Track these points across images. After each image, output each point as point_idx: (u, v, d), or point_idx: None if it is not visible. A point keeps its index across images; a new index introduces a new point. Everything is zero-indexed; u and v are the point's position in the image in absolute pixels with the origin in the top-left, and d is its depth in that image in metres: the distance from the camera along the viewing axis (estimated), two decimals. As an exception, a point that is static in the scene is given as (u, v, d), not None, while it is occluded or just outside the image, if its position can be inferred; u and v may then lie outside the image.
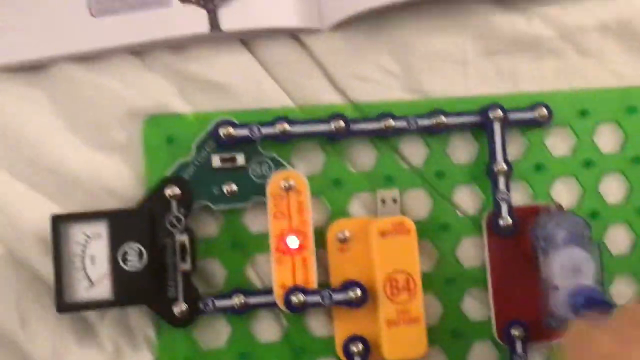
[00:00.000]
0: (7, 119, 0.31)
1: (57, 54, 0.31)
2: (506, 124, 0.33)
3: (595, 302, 0.29)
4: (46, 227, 0.29)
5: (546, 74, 0.35)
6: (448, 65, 0.34)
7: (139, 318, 0.31)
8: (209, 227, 0.32)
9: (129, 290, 0.29)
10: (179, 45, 0.32)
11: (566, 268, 0.30)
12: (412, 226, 0.31)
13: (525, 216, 0.33)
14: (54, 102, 0.32)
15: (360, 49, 0.33)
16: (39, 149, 0.31)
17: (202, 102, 0.32)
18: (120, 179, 0.31)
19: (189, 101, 0.32)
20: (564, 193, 0.34)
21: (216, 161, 0.31)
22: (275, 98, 0.33)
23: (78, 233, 0.29)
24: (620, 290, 0.34)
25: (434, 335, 0.32)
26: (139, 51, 0.32)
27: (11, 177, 0.31)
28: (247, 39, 0.33)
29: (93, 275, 0.29)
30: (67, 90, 0.31)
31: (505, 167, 0.33)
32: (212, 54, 0.32)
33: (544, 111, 0.34)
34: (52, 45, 0.31)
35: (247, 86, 0.32)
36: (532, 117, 0.34)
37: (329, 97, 0.33)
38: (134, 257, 0.29)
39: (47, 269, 0.30)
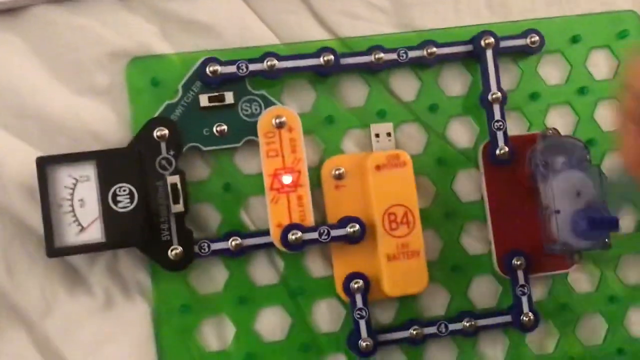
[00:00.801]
0: None
1: None
2: (498, 51, 0.32)
3: (599, 221, 0.29)
4: (30, 174, 0.28)
5: (537, 5, 0.34)
6: (439, 1, 0.33)
7: (130, 264, 0.30)
8: (200, 170, 0.31)
9: (121, 231, 0.28)
10: None
11: (567, 191, 0.30)
12: (408, 159, 0.31)
13: (522, 145, 0.32)
14: (32, 45, 0.30)
15: None
16: (20, 94, 0.30)
17: (185, 42, 0.31)
18: (104, 122, 0.30)
19: (171, 42, 0.31)
20: (559, 121, 0.34)
21: (204, 100, 0.30)
22: (260, 36, 0.32)
23: (65, 176, 0.28)
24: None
25: (434, 270, 0.32)
26: None
27: None
28: (230, -23, 0.32)
29: (83, 218, 0.28)
30: (45, 33, 0.30)
31: (499, 94, 0.32)
32: None
33: (536, 37, 0.33)
34: None
35: (231, 25, 0.32)
36: (524, 44, 0.33)
37: (315, 35, 0.32)
38: (125, 198, 0.28)
39: (33, 216, 0.29)
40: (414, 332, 0.31)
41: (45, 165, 0.28)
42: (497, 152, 0.32)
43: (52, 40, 0.30)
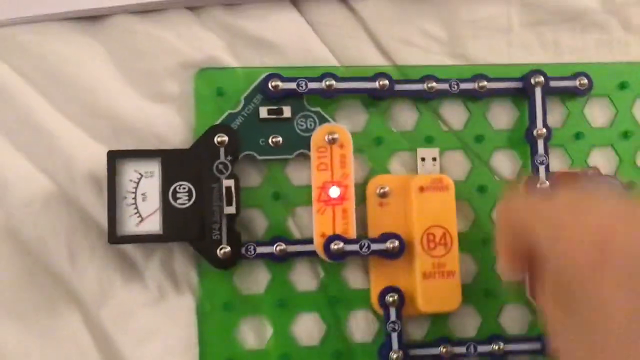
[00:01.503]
0: (66, 66, 0.32)
1: (115, 5, 0.32)
2: (547, 90, 0.34)
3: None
4: (98, 168, 0.31)
5: (588, 46, 0.35)
6: (492, 33, 0.35)
7: (183, 261, 0.32)
8: (253, 178, 0.33)
9: (177, 225, 0.30)
10: (232, 3, 0.34)
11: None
12: (451, 183, 0.32)
13: (562, 180, 0.33)
14: (110, 51, 0.33)
15: (406, 14, 0.35)
16: (95, 95, 0.32)
17: (250, 57, 0.34)
18: (170, 127, 0.32)
19: (237, 56, 0.34)
20: (601, 162, 0.35)
21: (263, 112, 0.32)
22: (321, 57, 0.34)
23: (131, 171, 0.30)
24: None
25: (468, 293, 0.33)
26: (194, 6, 0.33)
27: (67, 119, 0.32)
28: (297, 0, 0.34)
29: (144, 211, 0.30)
30: (123, 40, 0.33)
31: (544, 130, 0.33)
32: (263, 12, 0.34)
33: (585, 80, 0.34)
34: None
35: (294, 44, 0.34)
36: (572, 86, 0.34)
37: (372, 59, 0.34)
38: (184, 195, 0.30)
39: (97, 208, 0.31)
40: (444, 350, 0.32)
41: (115, 158, 0.30)
42: (538, 185, 0.33)
43: (129, 48, 0.33)
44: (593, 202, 0.24)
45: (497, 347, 0.32)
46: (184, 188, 0.30)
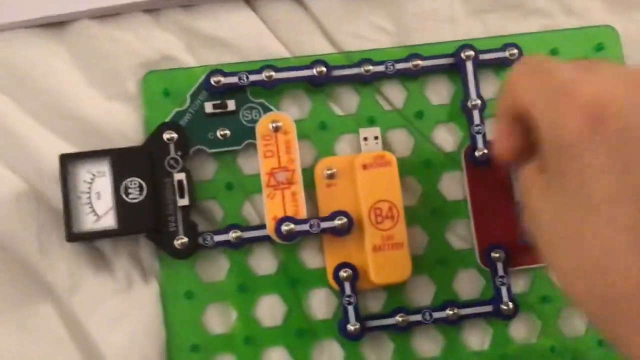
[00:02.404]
0: (33, 71, 0.34)
1: (77, 10, 0.34)
2: (478, 63, 0.35)
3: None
4: None
5: (532, 31, 0.37)
6: (437, 24, 0.36)
7: (148, 252, 0.34)
8: (206, 170, 0.35)
9: (131, 219, 0.32)
10: (188, 4, 0.35)
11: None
12: (393, 158, 0.34)
13: (501, 148, 0.35)
14: (74, 55, 0.35)
15: (356, 9, 0.36)
16: (61, 97, 0.34)
17: (207, 56, 0.35)
18: (131, 125, 0.34)
19: (194, 55, 0.35)
20: (539, 127, 0.36)
21: (209, 108, 0.34)
22: (275, 53, 0.35)
23: (84, 172, 0.32)
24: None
25: (420, 263, 0.34)
26: (152, 9, 0.35)
27: (36, 122, 0.34)
28: (251, -1, 0.36)
29: (99, 208, 0.32)
30: (86, 44, 0.35)
31: (478, 102, 0.35)
32: (218, 12, 0.35)
33: (514, 51, 0.36)
34: (73, 2, 0.34)
35: (249, 42, 0.35)
36: (502, 57, 0.36)
37: (327, 52, 0.36)
38: (135, 190, 0.32)
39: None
40: (400, 319, 0.34)
41: (67, 161, 0.31)
42: (477, 154, 0.35)
43: (91, 51, 0.35)
44: (594, 66, 0.24)
45: (451, 312, 0.34)
46: (134, 183, 0.32)
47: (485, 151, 0.34)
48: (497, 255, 0.34)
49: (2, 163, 0.33)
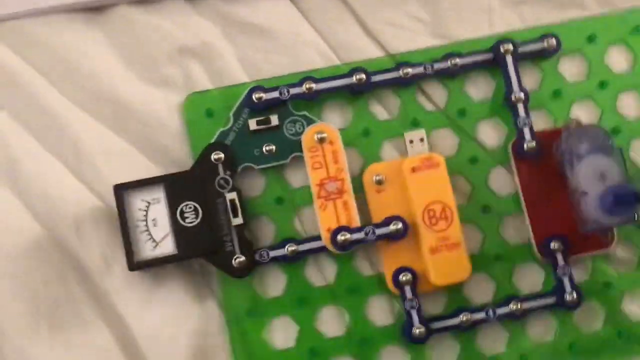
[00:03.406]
0: (71, 54, 0.35)
1: None
2: (517, 56, 0.35)
3: (624, 197, 0.31)
4: (102, 148, 0.34)
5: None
6: (474, 14, 0.36)
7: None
8: (255, 186, 0.35)
9: (190, 243, 0.32)
10: None
11: (591, 174, 0.32)
12: (441, 159, 0.34)
13: (548, 138, 0.35)
14: (112, 40, 0.35)
15: None
16: (98, 81, 0.34)
17: (243, 42, 0.36)
18: (168, 109, 0.34)
19: (231, 41, 0.36)
20: (583, 115, 0.36)
21: (252, 124, 0.34)
22: (310, 40, 0.36)
23: (138, 200, 0.32)
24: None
25: (478, 262, 0.34)
26: None
27: (74, 104, 0.34)
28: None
29: (157, 235, 0.32)
30: (124, 30, 0.35)
31: (522, 95, 0.35)
32: (255, 0, 0.36)
33: (553, 41, 0.36)
34: None
35: (284, 29, 0.35)
36: (541, 48, 0.36)
37: (360, 42, 0.36)
38: (191, 214, 0.32)
39: (100, 184, 0.34)
40: (464, 319, 0.33)
41: (122, 191, 0.32)
42: (525, 146, 0.34)
43: (129, 36, 0.35)
44: None
45: (515, 307, 0.34)
46: (190, 207, 0.32)
47: (534, 143, 0.34)
48: (556, 246, 0.34)
49: (40, 143, 0.34)
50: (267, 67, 0.36)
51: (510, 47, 0.35)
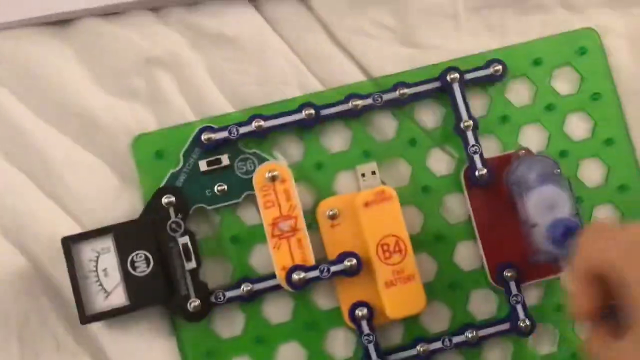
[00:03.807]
0: (37, 67, 0.34)
1: (82, 8, 0.34)
2: (464, 83, 0.35)
3: (572, 230, 0.31)
4: (67, 162, 0.34)
5: (533, 26, 0.37)
6: (440, 20, 0.36)
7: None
8: (208, 227, 0.34)
9: (142, 293, 0.32)
10: (191, 2, 0.35)
11: (541, 205, 0.32)
12: (393, 193, 0.34)
13: (499, 165, 0.35)
14: (79, 52, 0.35)
15: (358, 5, 0.36)
16: (65, 93, 0.34)
17: (210, 52, 0.35)
18: (138, 121, 0.34)
19: (198, 50, 0.35)
20: (532, 139, 0.36)
21: (203, 165, 0.34)
22: (278, 49, 0.36)
23: (88, 251, 0.32)
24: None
25: (432, 290, 0.35)
26: (155, 7, 0.35)
27: (39, 118, 0.34)
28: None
29: (107, 285, 0.31)
30: (90, 41, 0.35)
31: (470, 122, 0.35)
32: (221, 10, 0.35)
33: (498, 66, 0.36)
34: (78, 0, 0.34)
35: (252, 38, 0.35)
36: (488, 74, 0.36)
37: (327, 49, 0.36)
38: (142, 263, 0.32)
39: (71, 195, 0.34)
40: (421, 349, 0.34)
41: (70, 243, 0.31)
42: (477, 173, 0.35)
43: (96, 48, 0.35)
44: None
45: (470, 335, 0.34)
46: (140, 257, 0.32)
47: (485, 171, 0.35)
48: (509, 274, 0.34)
49: (5, 157, 0.34)
50: (235, 77, 0.35)
51: (457, 75, 0.35)
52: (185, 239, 0.33)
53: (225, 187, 0.34)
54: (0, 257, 0.33)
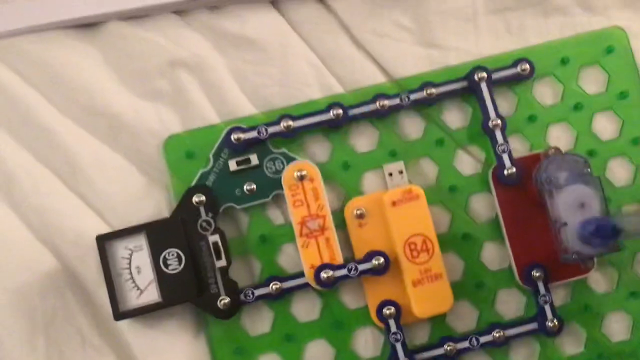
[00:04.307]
0: (65, 70, 0.35)
1: (109, 12, 0.35)
2: (492, 82, 0.35)
3: (604, 229, 0.31)
4: (95, 162, 0.35)
5: (552, 29, 0.37)
6: (459, 22, 0.37)
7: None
8: (238, 226, 0.35)
9: (174, 290, 0.32)
10: (215, 5, 0.36)
11: (571, 204, 0.32)
12: (420, 191, 0.34)
13: (528, 164, 0.35)
14: (105, 55, 0.36)
15: (378, 7, 0.37)
16: (92, 95, 0.35)
17: (233, 54, 0.36)
18: (162, 122, 0.35)
19: (221, 53, 0.36)
20: (560, 138, 0.36)
21: (233, 165, 0.34)
22: (299, 52, 0.36)
23: (121, 249, 0.32)
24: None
25: (459, 290, 0.35)
26: (179, 10, 0.36)
27: (67, 118, 0.35)
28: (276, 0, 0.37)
29: (140, 283, 0.32)
30: (115, 44, 0.35)
31: (499, 121, 0.35)
32: (244, 13, 0.36)
33: (526, 65, 0.36)
34: (104, 4, 0.35)
35: (274, 41, 0.36)
36: (515, 73, 0.36)
37: (348, 50, 0.36)
38: (174, 261, 0.32)
39: (95, 195, 0.35)
40: (448, 348, 0.34)
41: (104, 241, 0.32)
42: (505, 172, 0.35)
43: (121, 51, 0.35)
44: None
45: (497, 335, 0.34)
46: (172, 254, 0.32)
47: (514, 170, 0.35)
48: (537, 274, 0.34)
49: (33, 156, 0.35)
50: (257, 78, 0.36)
51: (484, 74, 0.35)
52: (215, 237, 0.33)
53: (255, 186, 0.34)
54: (28, 254, 0.34)
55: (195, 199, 0.33)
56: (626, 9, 0.37)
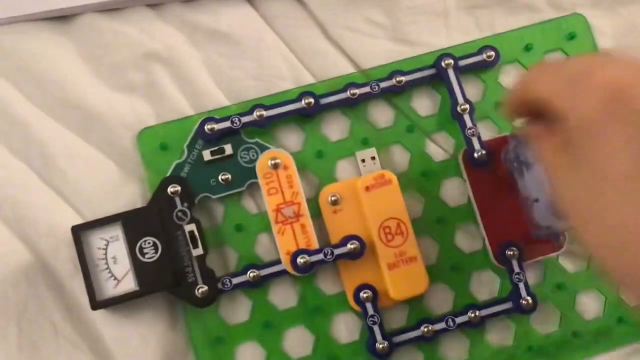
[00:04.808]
0: (38, 62, 0.35)
1: (82, 4, 0.35)
2: (458, 68, 0.36)
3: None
4: (69, 152, 0.35)
5: (521, 25, 0.38)
6: (431, 18, 0.37)
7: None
8: (214, 216, 0.35)
9: (151, 278, 0.32)
10: None
11: (541, 180, 0.33)
12: (393, 176, 0.35)
13: (496, 146, 0.36)
14: (79, 47, 0.36)
15: (351, 3, 0.37)
16: (65, 87, 0.35)
17: (207, 48, 0.36)
18: (134, 113, 0.35)
19: (195, 46, 0.36)
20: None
21: (207, 155, 0.35)
22: (273, 46, 0.36)
23: (97, 239, 0.32)
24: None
25: (435, 273, 0.35)
26: (153, 3, 0.36)
27: (41, 110, 0.35)
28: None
29: (117, 273, 0.32)
30: (89, 37, 0.36)
31: (467, 105, 0.36)
32: (218, 7, 0.36)
33: (491, 52, 0.37)
34: None
35: (248, 35, 0.36)
36: (481, 60, 0.37)
37: (321, 45, 0.37)
38: (150, 249, 0.32)
39: (71, 185, 0.35)
40: (425, 330, 0.34)
41: (79, 232, 0.32)
42: (475, 155, 0.36)
43: (95, 43, 0.36)
44: (608, 59, 0.25)
45: (473, 315, 0.35)
46: (149, 243, 0.32)
47: (483, 152, 0.35)
48: (511, 252, 0.35)
49: (7, 148, 0.35)
50: (232, 72, 0.36)
51: (451, 61, 0.36)
52: (192, 226, 0.33)
53: (229, 176, 0.35)
54: (1, 246, 0.34)
55: (170, 189, 0.34)
56: (594, 7, 0.38)
